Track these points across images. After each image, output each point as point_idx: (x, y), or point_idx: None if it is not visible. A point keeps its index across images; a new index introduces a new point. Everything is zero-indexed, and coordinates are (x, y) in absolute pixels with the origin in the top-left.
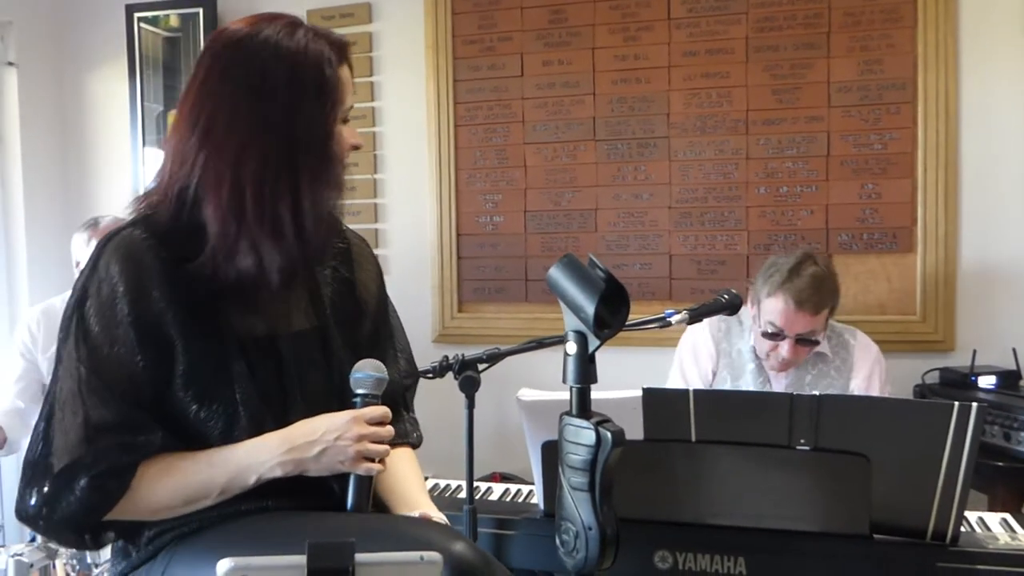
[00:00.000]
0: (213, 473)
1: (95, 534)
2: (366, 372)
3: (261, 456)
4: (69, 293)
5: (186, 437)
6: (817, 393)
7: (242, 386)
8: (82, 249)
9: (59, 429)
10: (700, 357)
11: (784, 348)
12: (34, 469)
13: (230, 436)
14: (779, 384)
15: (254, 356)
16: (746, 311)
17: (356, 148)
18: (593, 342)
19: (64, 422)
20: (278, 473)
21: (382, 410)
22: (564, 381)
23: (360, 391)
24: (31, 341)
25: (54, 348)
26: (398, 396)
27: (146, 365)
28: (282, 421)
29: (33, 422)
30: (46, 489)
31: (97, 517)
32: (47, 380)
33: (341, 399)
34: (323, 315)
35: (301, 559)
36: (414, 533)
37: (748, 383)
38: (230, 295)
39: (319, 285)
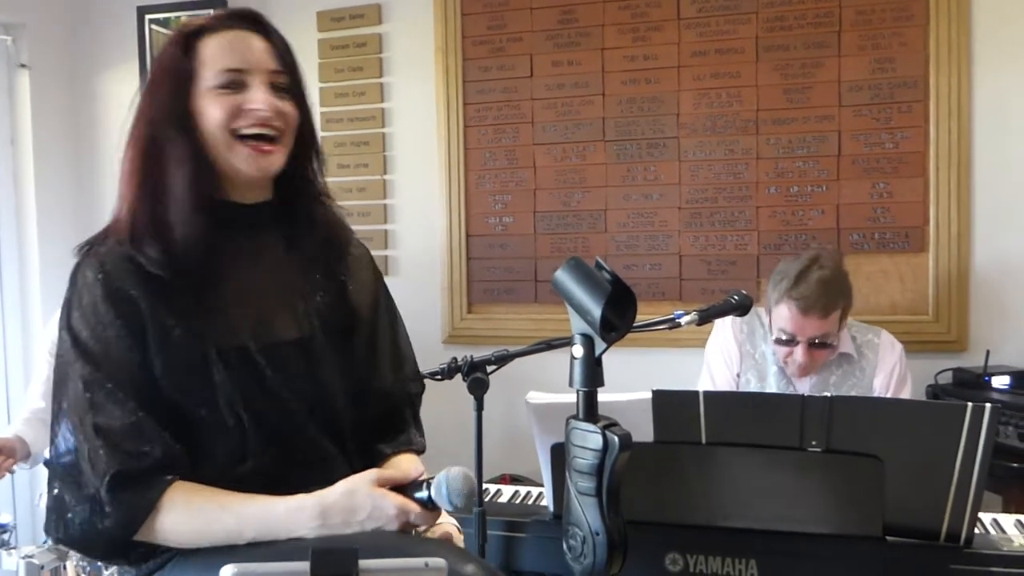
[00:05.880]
0: (241, 528)
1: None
2: (460, 490)
3: (291, 525)
4: None
5: (186, 434)
6: (829, 395)
7: (224, 393)
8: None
9: (76, 447)
10: (728, 359)
11: (799, 353)
12: (60, 493)
13: (224, 435)
14: (803, 386)
15: (233, 365)
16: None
17: (264, 118)
18: (600, 345)
19: (80, 438)
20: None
21: (431, 523)
22: (570, 385)
23: (433, 493)
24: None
25: None
26: (405, 404)
27: (141, 360)
28: (275, 424)
29: None
30: (78, 519)
31: (130, 534)
32: None
33: (333, 406)
34: (310, 324)
35: (304, 565)
36: (423, 551)
37: (772, 385)
38: (199, 304)
39: (309, 293)
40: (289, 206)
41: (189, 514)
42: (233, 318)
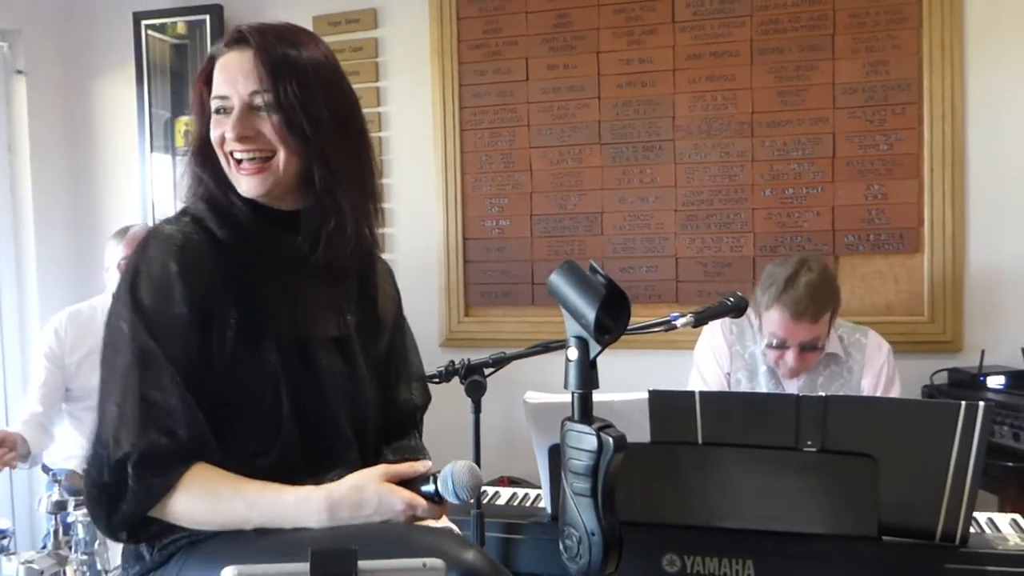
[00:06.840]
0: (251, 515)
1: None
2: (466, 483)
3: (300, 515)
4: (95, 299)
5: (218, 426)
6: (823, 394)
7: (271, 378)
8: (114, 255)
9: (118, 413)
10: (718, 358)
11: (790, 357)
12: (97, 459)
13: (260, 422)
14: (792, 386)
15: (287, 352)
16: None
17: (232, 147)
18: (594, 348)
19: (122, 404)
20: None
21: (438, 517)
22: (566, 387)
23: (440, 487)
24: (57, 343)
25: (81, 352)
26: (409, 417)
27: (198, 341)
28: (312, 415)
29: (53, 428)
30: (106, 482)
31: (144, 511)
32: (70, 384)
33: (366, 406)
34: (346, 326)
35: (304, 566)
36: (424, 541)
37: (762, 384)
38: (258, 290)
39: (344, 299)
40: (322, 214)
41: (203, 496)
42: (286, 309)
